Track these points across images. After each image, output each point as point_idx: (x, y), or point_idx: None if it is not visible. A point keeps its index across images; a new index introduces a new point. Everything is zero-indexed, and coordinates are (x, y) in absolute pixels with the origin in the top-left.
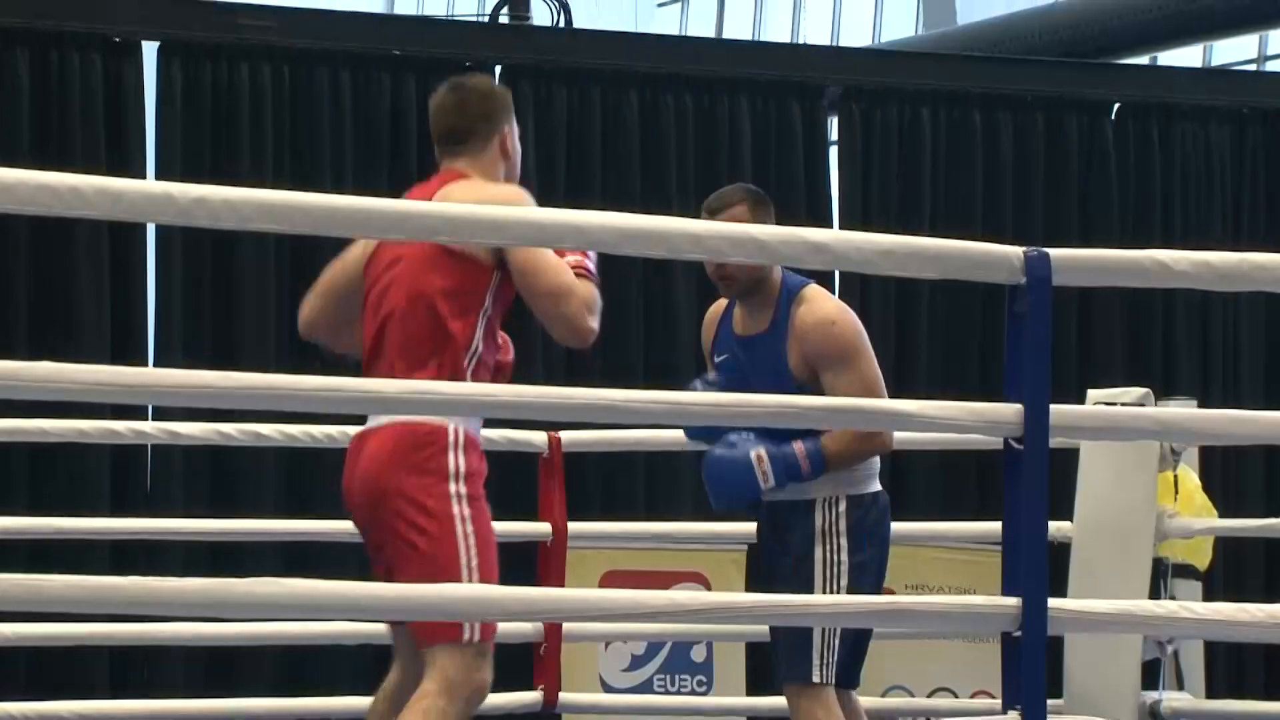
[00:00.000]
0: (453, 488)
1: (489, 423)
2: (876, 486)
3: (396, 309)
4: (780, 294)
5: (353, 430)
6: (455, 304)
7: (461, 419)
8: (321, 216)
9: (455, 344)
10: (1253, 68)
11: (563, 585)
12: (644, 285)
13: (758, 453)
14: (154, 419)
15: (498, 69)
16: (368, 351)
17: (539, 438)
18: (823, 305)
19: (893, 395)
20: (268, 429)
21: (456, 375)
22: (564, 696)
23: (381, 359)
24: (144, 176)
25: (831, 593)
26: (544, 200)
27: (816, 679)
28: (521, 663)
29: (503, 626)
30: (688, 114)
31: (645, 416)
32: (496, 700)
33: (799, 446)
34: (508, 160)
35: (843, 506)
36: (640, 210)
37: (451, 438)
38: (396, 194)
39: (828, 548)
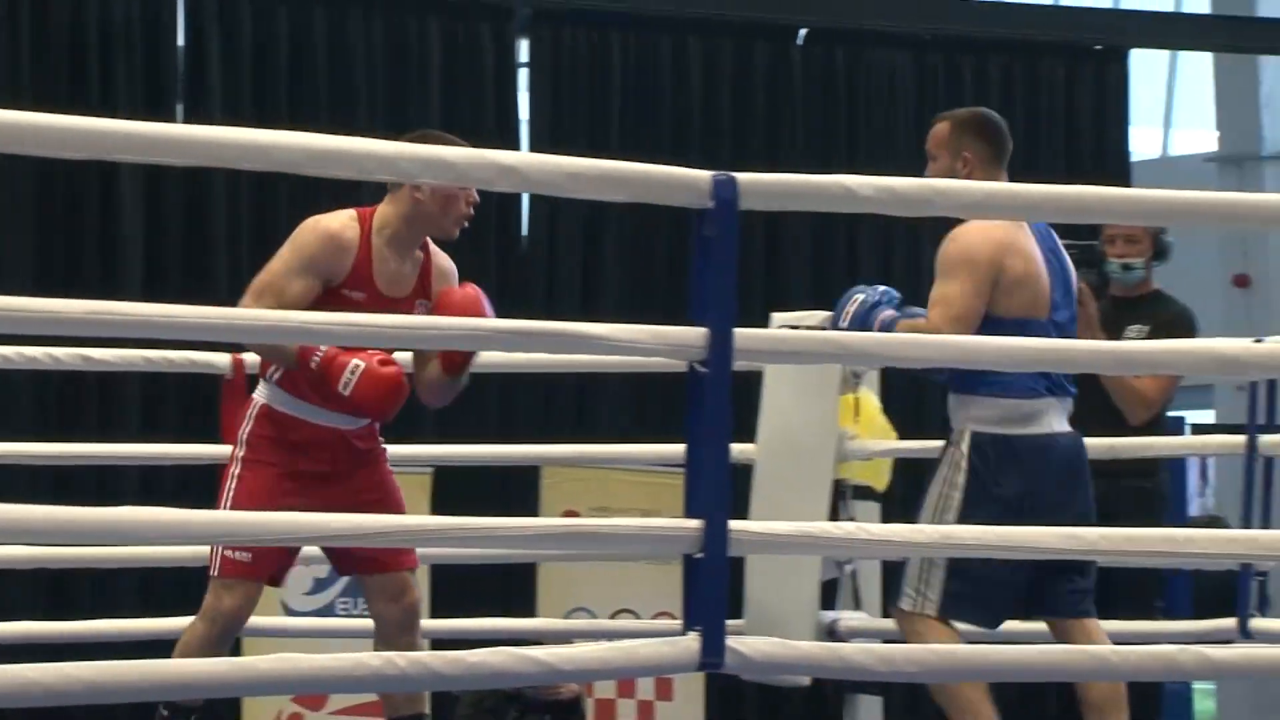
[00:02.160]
0: (238, 451)
1: (174, 344)
2: (1019, 430)
3: None
4: None
5: (95, 353)
6: None
7: (268, 395)
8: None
9: None
10: None
11: None
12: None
13: (856, 298)
14: None
15: None
16: None
17: (222, 359)
18: (961, 228)
19: (580, 319)
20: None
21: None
22: None
23: None
24: None
25: (940, 519)
26: (229, 122)
27: (906, 606)
28: (200, 588)
29: (183, 550)
30: (375, 34)
31: (330, 338)
32: (177, 624)
33: (887, 313)
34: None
35: (968, 439)
36: (327, 132)
37: (252, 410)
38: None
39: (943, 480)
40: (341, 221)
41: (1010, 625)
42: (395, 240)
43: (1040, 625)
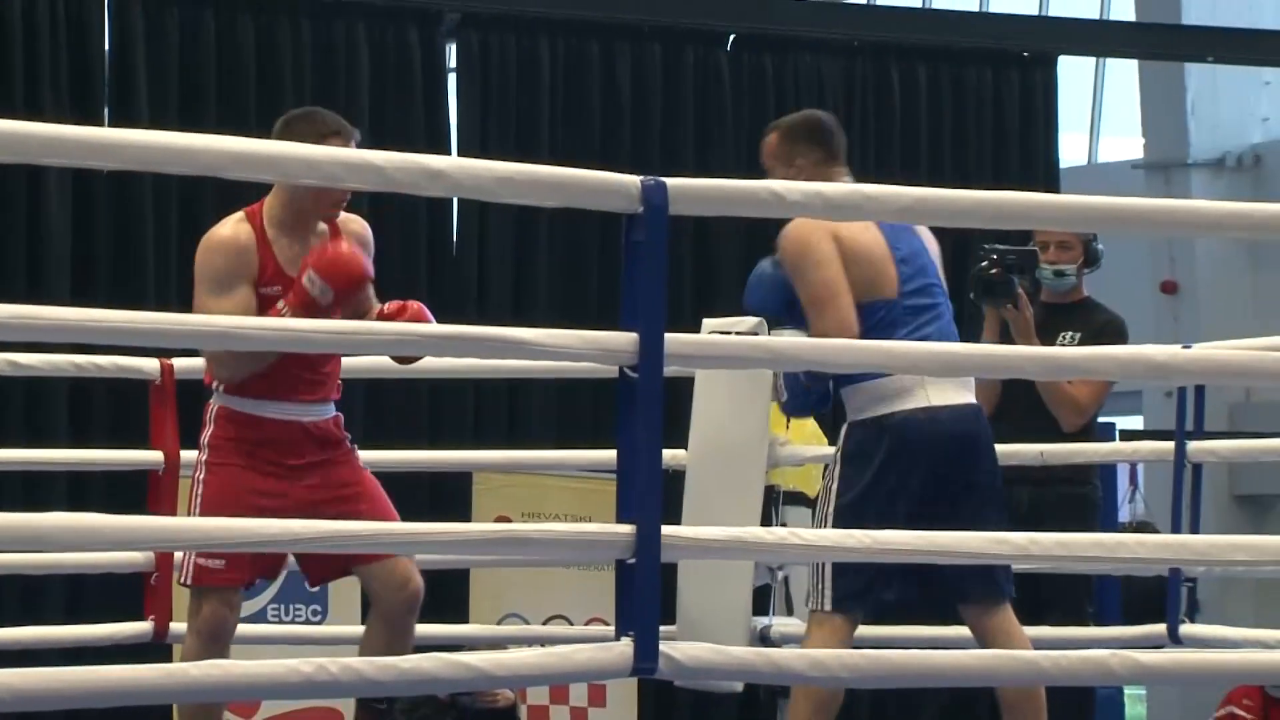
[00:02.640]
0: (201, 456)
1: (100, 349)
2: (892, 408)
3: None
4: None
5: (23, 358)
6: None
7: (222, 397)
8: None
9: None
10: (864, 1)
11: (175, 514)
12: None
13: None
14: None
15: None
16: None
17: (150, 364)
18: (785, 229)
19: (511, 324)
20: None
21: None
22: (175, 627)
23: None
24: None
25: (823, 519)
26: (157, 126)
27: (811, 605)
28: (133, 594)
29: (112, 557)
30: (304, 38)
31: (259, 342)
32: (106, 632)
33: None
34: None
35: (844, 432)
36: (255, 136)
37: (209, 414)
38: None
39: (829, 474)
40: (231, 225)
41: (942, 631)
42: (285, 227)
43: (968, 630)
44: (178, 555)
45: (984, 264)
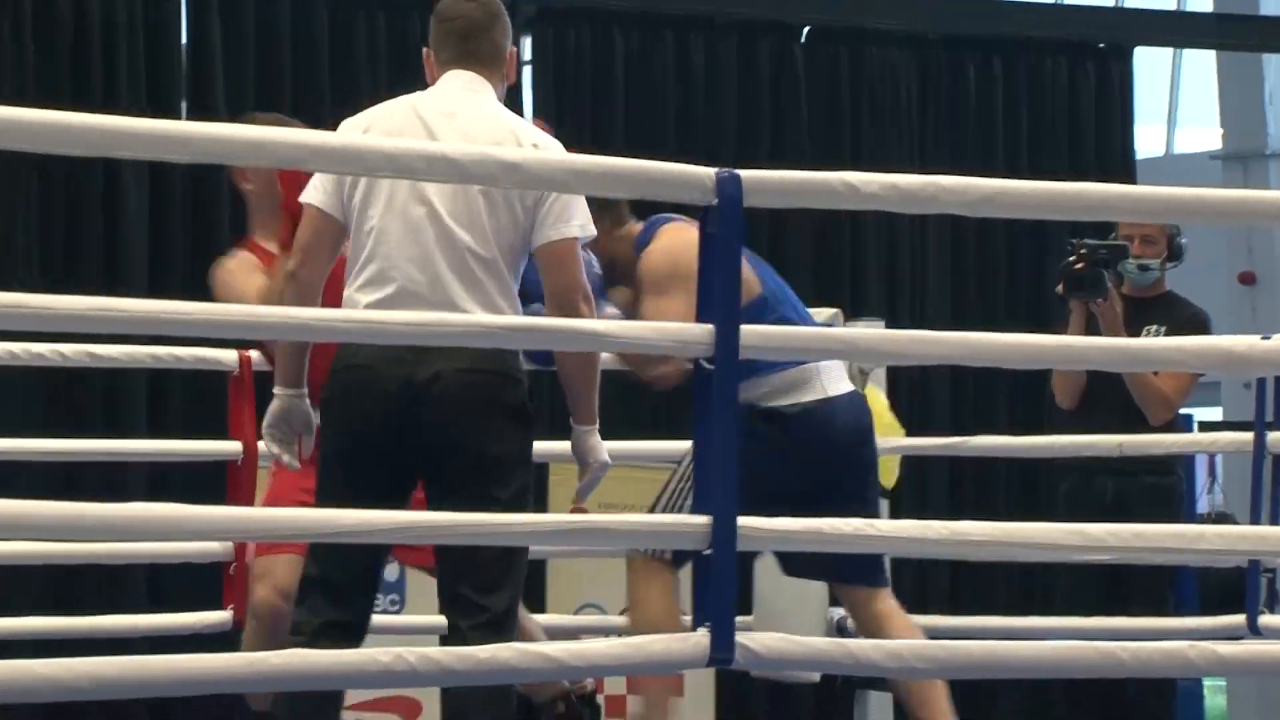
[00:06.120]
0: None
1: (181, 340)
2: (791, 399)
3: None
4: (637, 251)
5: (102, 350)
6: None
7: None
8: None
9: None
10: None
11: (252, 504)
12: None
13: None
14: None
15: None
16: None
17: (229, 356)
18: (658, 241)
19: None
20: None
21: None
22: None
23: None
24: None
25: (669, 496)
26: (233, 119)
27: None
28: (212, 583)
29: (191, 546)
30: (378, 30)
31: (337, 335)
32: (186, 620)
33: None
34: None
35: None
36: (332, 129)
37: None
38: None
39: (688, 457)
40: None
41: (1012, 622)
42: None
43: (1045, 621)
44: None
45: (1072, 258)
